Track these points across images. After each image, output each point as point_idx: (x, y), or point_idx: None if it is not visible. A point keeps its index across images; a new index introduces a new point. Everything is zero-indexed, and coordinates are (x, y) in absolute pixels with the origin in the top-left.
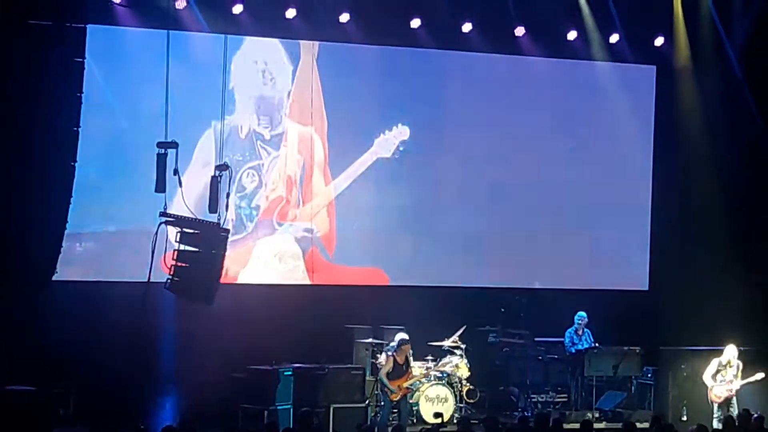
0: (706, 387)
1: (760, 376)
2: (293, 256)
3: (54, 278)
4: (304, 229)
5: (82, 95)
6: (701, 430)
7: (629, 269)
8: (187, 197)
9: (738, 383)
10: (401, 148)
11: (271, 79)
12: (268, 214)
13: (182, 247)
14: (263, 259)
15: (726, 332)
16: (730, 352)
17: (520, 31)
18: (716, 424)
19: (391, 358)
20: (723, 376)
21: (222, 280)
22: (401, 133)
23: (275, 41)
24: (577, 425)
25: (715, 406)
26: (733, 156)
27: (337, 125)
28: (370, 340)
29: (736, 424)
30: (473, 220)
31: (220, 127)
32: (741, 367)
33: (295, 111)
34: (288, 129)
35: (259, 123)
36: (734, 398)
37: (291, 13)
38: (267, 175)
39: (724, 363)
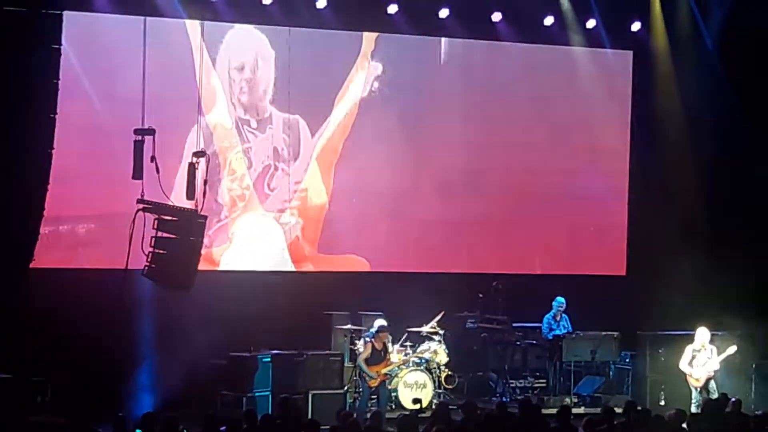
0: (685, 374)
1: (732, 349)
2: (278, 239)
3: (31, 265)
4: (289, 214)
5: (59, 82)
6: (679, 415)
7: (607, 254)
8: (178, 187)
9: (714, 362)
10: (376, 85)
11: (255, 69)
12: (259, 184)
13: (160, 234)
14: (246, 241)
15: (702, 316)
16: (702, 334)
17: (497, 16)
18: (695, 409)
19: (370, 344)
20: (699, 360)
21: (203, 266)
22: (375, 68)
23: (257, 32)
24: (555, 410)
25: (695, 391)
26: (710, 141)
27: (317, 103)
28: (348, 326)
29: (714, 407)
30: (451, 205)
31: (198, 119)
32: (715, 350)
33: (279, 97)
34: (272, 114)
35: (245, 112)
36: (713, 381)
37: None
38: (255, 155)
39: (697, 348)
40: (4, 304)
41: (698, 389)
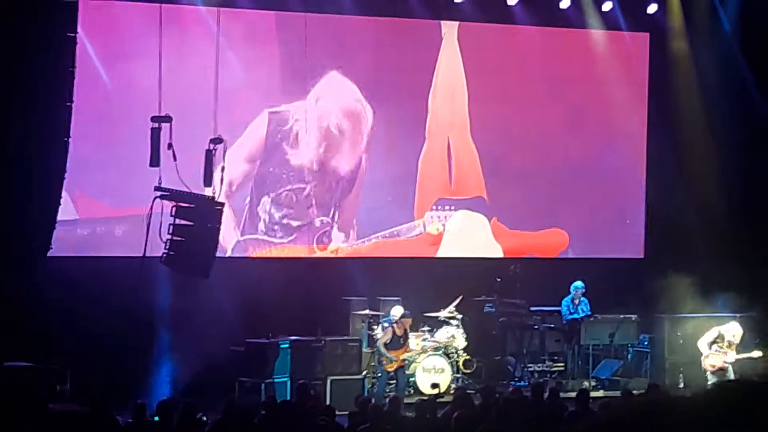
0: (701, 354)
1: (756, 354)
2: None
3: (49, 254)
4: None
5: (75, 70)
6: (699, 396)
7: (625, 237)
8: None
9: (733, 355)
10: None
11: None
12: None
13: (177, 221)
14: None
15: (720, 299)
16: (734, 328)
17: (513, 0)
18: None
19: (390, 329)
20: (720, 346)
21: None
22: None
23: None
24: (573, 394)
25: (709, 374)
26: (727, 122)
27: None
28: (366, 311)
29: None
30: (469, 189)
31: (215, 106)
32: (738, 341)
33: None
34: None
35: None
36: (729, 368)
37: None
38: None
39: (724, 335)
40: (22, 293)
41: (712, 373)
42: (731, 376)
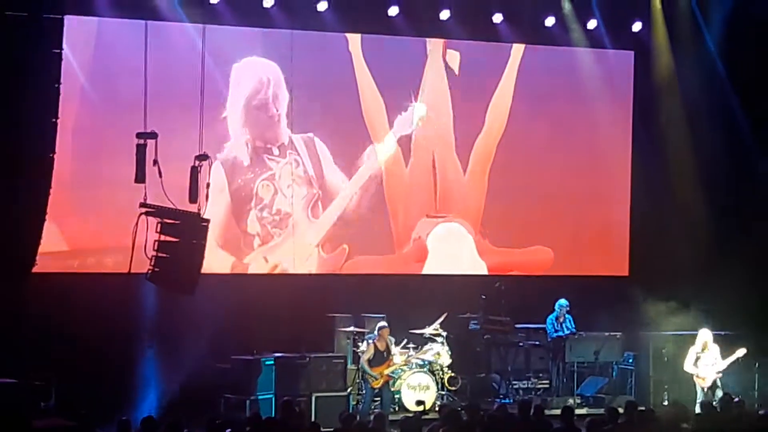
0: (691, 375)
1: (741, 352)
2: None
3: (33, 270)
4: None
5: (60, 86)
6: (681, 412)
7: (610, 255)
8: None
9: (722, 363)
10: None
11: (268, 97)
12: (302, 212)
13: (163, 237)
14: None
15: (705, 317)
16: (704, 336)
17: (498, 17)
18: (699, 409)
19: (372, 345)
20: (705, 361)
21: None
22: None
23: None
24: (558, 411)
25: (701, 391)
26: (711, 140)
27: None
28: (351, 328)
29: (718, 409)
30: (454, 206)
31: (200, 122)
32: (718, 349)
33: (295, 121)
34: (291, 138)
35: (263, 141)
36: (719, 381)
37: (269, 2)
38: (280, 180)
39: (700, 349)
40: (7, 309)
41: (704, 389)
42: (720, 389)
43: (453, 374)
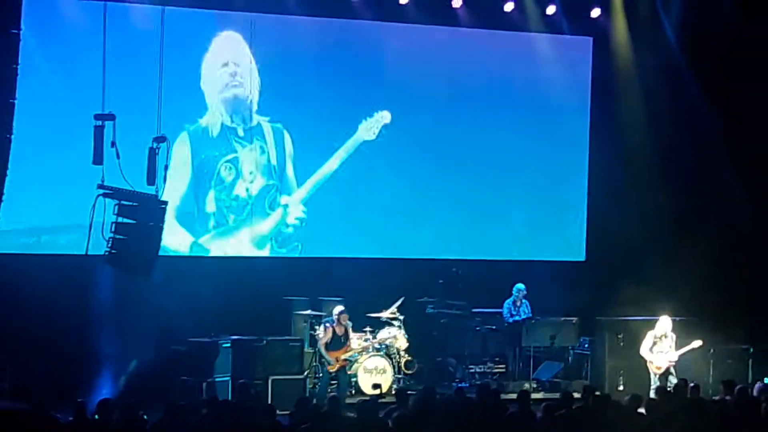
0: (645, 360)
1: (697, 343)
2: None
3: None
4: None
5: (18, 67)
6: (635, 400)
7: (566, 240)
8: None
9: (675, 353)
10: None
11: (240, 78)
12: (259, 203)
13: (120, 219)
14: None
15: (662, 302)
16: (664, 323)
17: (457, 2)
18: (654, 395)
19: (330, 329)
20: (660, 347)
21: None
22: (383, 117)
23: (240, 39)
24: (514, 395)
25: (654, 376)
26: (669, 127)
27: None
28: (308, 311)
29: (672, 393)
30: (411, 190)
31: (159, 104)
32: (675, 338)
33: (265, 107)
34: (260, 123)
35: (231, 121)
36: (673, 368)
37: None
38: (244, 166)
39: (659, 335)
40: None
41: (657, 375)
42: (675, 376)
43: (410, 358)
